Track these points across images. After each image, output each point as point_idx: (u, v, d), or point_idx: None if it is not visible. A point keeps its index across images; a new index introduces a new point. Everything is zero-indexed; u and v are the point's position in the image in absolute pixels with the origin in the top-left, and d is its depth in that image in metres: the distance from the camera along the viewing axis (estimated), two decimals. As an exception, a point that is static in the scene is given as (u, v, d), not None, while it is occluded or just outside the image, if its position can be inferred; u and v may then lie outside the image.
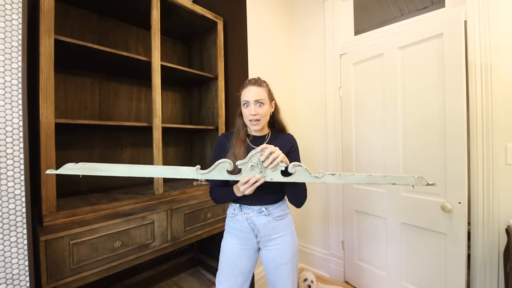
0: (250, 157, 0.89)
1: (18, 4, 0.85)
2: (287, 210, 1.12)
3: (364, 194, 1.84)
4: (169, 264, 1.88)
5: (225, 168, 0.89)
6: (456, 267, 1.38)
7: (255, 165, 0.90)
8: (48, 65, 0.97)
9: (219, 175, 0.90)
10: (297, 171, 0.91)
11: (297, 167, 0.91)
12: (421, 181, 0.91)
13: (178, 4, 1.44)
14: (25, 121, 0.85)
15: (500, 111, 1.31)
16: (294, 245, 1.09)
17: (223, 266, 1.09)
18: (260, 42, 1.93)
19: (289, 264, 1.06)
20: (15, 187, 0.83)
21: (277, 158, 0.89)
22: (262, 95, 1.02)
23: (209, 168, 0.88)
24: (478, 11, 1.35)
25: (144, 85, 1.73)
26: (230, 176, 0.90)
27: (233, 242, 1.09)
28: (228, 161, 0.89)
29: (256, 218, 1.05)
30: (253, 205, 1.05)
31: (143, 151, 1.73)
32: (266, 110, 1.03)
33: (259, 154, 0.89)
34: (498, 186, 1.32)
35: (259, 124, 1.03)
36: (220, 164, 0.89)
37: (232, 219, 1.10)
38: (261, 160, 0.89)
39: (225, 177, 0.90)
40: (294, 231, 1.12)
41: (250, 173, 0.90)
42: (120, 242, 1.09)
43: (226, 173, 0.90)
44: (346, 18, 2.03)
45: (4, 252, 0.82)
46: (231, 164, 0.88)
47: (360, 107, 1.87)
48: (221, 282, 1.08)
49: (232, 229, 1.10)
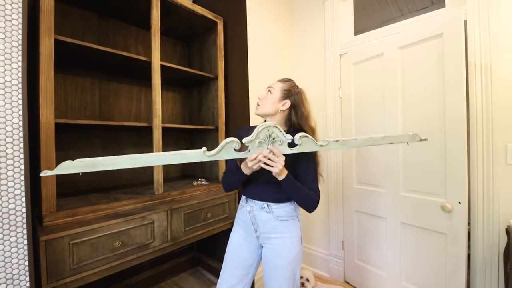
0: (257, 133, 0.87)
1: (18, 4, 0.85)
2: (294, 213, 1.08)
3: (364, 194, 1.84)
4: (169, 264, 1.88)
5: (233, 147, 0.86)
6: (456, 267, 1.38)
7: (263, 141, 0.89)
8: (48, 65, 0.97)
9: (227, 155, 0.86)
10: (304, 142, 0.91)
11: (303, 138, 0.91)
12: (415, 137, 1.03)
13: (178, 4, 1.44)
14: (25, 121, 0.85)
15: (500, 111, 1.31)
16: (294, 251, 1.04)
17: (227, 255, 1.15)
18: (260, 42, 1.93)
19: (286, 269, 1.02)
20: (15, 187, 0.83)
21: (275, 160, 0.89)
22: (275, 85, 1.10)
23: (216, 149, 0.84)
24: (478, 11, 1.35)
25: (144, 85, 1.73)
26: (238, 154, 0.87)
27: (239, 232, 1.14)
28: (235, 140, 0.85)
29: (258, 213, 1.06)
30: (257, 200, 1.08)
31: (143, 151, 1.72)
32: (270, 100, 1.08)
33: (266, 130, 0.88)
34: (498, 186, 1.32)
35: (258, 109, 1.11)
36: (228, 143, 0.85)
37: (240, 210, 1.16)
38: (268, 135, 0.88)
39: (233, 156, 0.87)
40: (297, 237, 1.07)
41: (258, 149, 0.89)
42: (120, 242, 1.09)
43: (234, 152, 0.86)
44: (346, 18, 2.03)
45: (4, 252, 0.82)
46: (238, 143, 0.86)
47: (360, 107, 1.87)
48: (222, 270, 1.14)
49: (239, 219, 1.15)
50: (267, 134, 0.89)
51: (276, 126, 0.90)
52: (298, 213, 1.11)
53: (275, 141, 0.90)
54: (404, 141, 1.03)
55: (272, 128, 0.89)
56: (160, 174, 1.34)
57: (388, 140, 0.99)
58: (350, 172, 1.94)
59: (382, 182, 1.73)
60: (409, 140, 1.02)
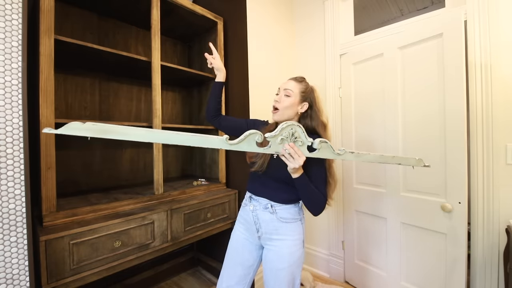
0: (280, 129, 0.87)
1: (18, 4, 0.85)
2: (298, 216, 1.06)
3: (364, 194, 1.84)
4: (169, 264, 1.88)
5: (255, 139, 0.84)
6: (456, 267, 1.38)
7: (285, 138, 0.88)
8: (48, 65, 0.97)
9: (248, 146, 0.85)
10: (323, 147, 0.91)
11: (323, 143, 0.91)
12: (420, 162, 1.09)
13: (178, 4, 1.44)
14: (25, 121, 0.85)
15: (500, 111, 1.31)
16: (295, 254, 1.03)
17: (227, 254, 1.14)
18: (260, 42, 1.93)
19: (285, 272, 1.01)
20: (15, 187, 0.83)
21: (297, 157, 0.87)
22: (292, 87, 1.04)
23: (239, 138, 0.83)
24: (478, 11, 1.35)
25: (144, 85, 1.73)
26: (258, 148, 0.86)
27: (240, 231, 1.13)
28: (258, 132, 0.84)
29: (261, 213, 1.05)
30: (261, 197, 1.06)
31: (143, 151, 1.73)
32: (290, 103, 1.02)
33: (290, 128, 0.88)
34: (498, 186, 1.31)
35: (278, 115, 1.04)
36: (251, 135, 0.84)
37: (243, 208, 1.15)
38: (291, 133, 0.88)
39: (254, 149, 0.86)
40: (299, 240, 1.05)
41: (278, 146, 0.88)
42: (120, 242, 1.09)
43: (255, 145, 0.86)
44: (346, 18, 2.02)
45: (4, 252, 0.82)
46: (261, 136, 0.84)
47: (360, 107, 1.87)
48: (223, 270, 1.13)
49: (241, 217, 1.14)
50: (290, 133, 0.88)
51: (300, 126, 0.89)
52: (302, 216, 1.09)
53: (296, 140, 0.90)
54: (411, 164, 1.09)
55: (296, 127, 0.89)
56: (160, 174, 1.34)
57: (397, 161, 1.06)
58: (350, 172, 1.94)
59: (382, 182, 1.73)
60: (415, 164, 1.09)
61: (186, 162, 2.01)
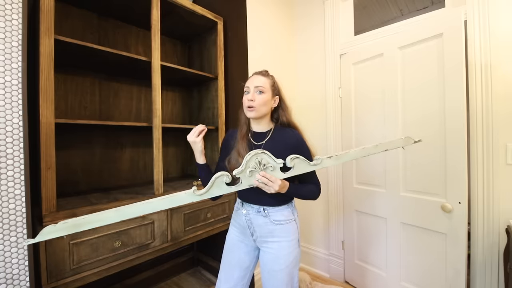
0: (246, 162, 0.85)
1: (18, 4, 0.85)
2: (292, 216, 1.06)
3: (364, 194, 1.84)
4: (169, 264, 1.88)
5: (223, 181, 0.84)
6: (456, 267, 1.38)
7: (254, 169, 0.86)
8: (48, 65, 0.97)
9: (219, 190, 0.85)
10: (296, 163, 0.90)
11: (295, 159, 0.89)
12: (408, 140, 1.00)
13: (178, 4, 1.44)
14: (25, 121, 0.85)
15: (500, 111, 1.31)
16: (291, 255, 1.02)
17: (224, 256, 1.14)
18: (260, 42, 1.93)
19: (283, 273, 1.00)
20: (15, 187, 0.84)
21: (271, 184, 0.87)
22: (263, 83, 1.01)
23: (207, 186, 0.83)
24: (478, 11, 1.35)
25: (144, 85, 1.73)
26: (230, 188, 0.86)
27: (234, 233, 1.13)
28: (225, 173, 0.84)
29: (254, 217, 1.04)
30: (253, 204, 1.05)
31: (143, 151, 1.73)
32: (265, 99, 1.00)
33: (255, 158, 0.86)
34: (498, 186, 1.31)
35: (255, 111, 1.00)
36: (217, 178, 0.84)
37: (236, 212, 1.14)
38: (257, 162, 0.86)
39: (225, 191, 0.86)
40: (295, 240, 1.04)
41: (250, 179, 0.87)
42: (120, 242, 1.09)
43: (226, 186, 0.85)
44: (346, 18, 2.02)
45: (4, 252, 0.82)
46: (228, 176, 0.84)
47: (360, 107, 1.87)
48: (220, 272, 1.13)
49: (235, 221, 1.14)
50: (257, 162, 0.86)
51: (264, 152, 0.87)
52: (295, 216, 1.08)
53: (266, 167, 0.88)
54: (398, 146, 1.02)
55: (260, 155, 0.87)
56: (160, 174, 1.34)
57: (381, 148, 0.97)
58: (350, 172, 1.94)
59: (382, 182, 1.73)
60: (403, 144, 1.01)
61: (186, 162, 2.01)
